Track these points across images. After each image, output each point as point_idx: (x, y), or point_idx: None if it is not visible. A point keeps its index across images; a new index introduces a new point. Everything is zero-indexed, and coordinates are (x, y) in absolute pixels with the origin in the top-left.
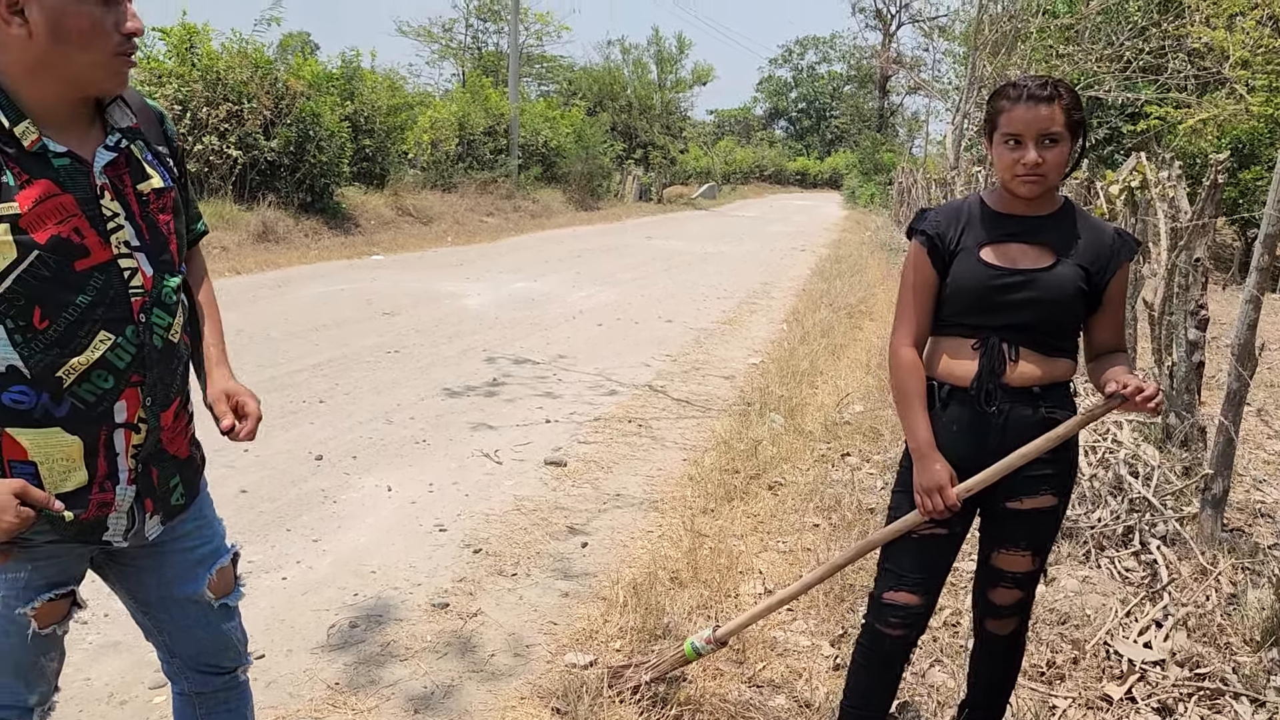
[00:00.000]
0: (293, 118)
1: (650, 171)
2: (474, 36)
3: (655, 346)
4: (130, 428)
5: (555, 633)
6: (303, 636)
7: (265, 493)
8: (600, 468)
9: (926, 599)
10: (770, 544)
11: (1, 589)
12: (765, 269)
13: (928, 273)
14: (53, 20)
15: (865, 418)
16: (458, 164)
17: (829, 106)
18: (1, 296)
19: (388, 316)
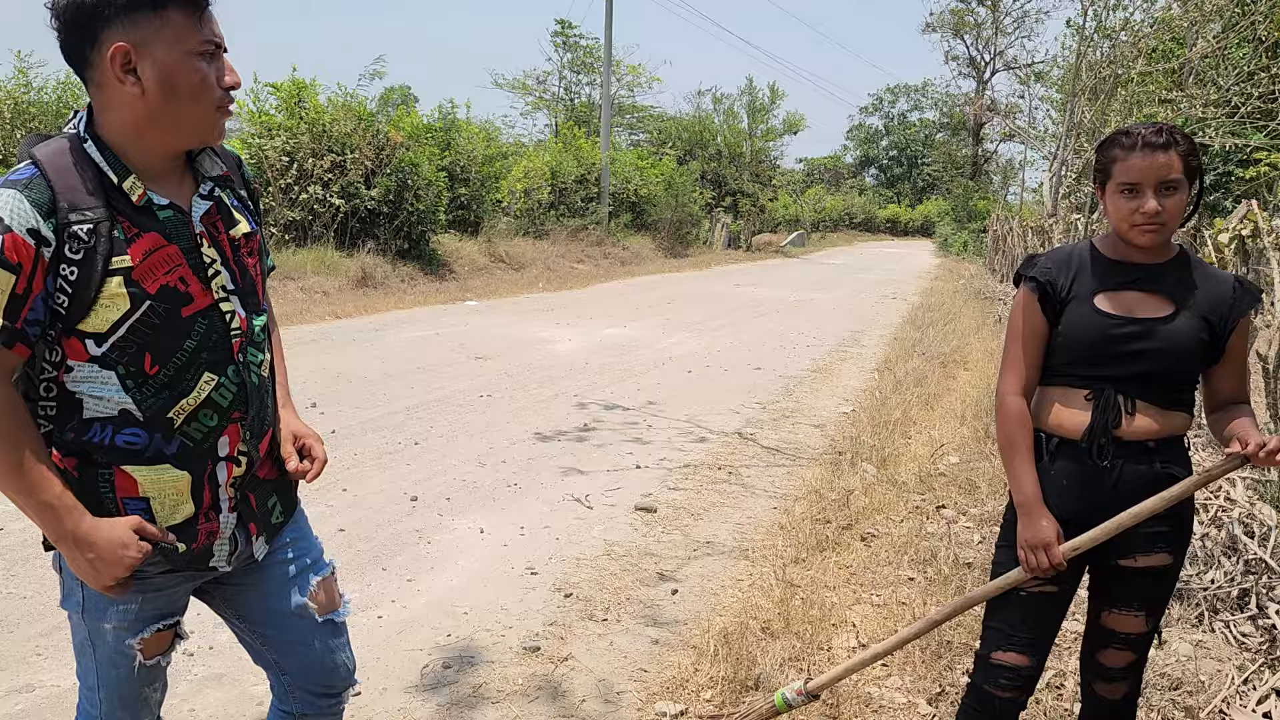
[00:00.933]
0: (392, 168)
1: (739, 219)
2: (566, 88)
3: (745, 394)
4: (232, 460)
5: (645, 680)
6: (397, 676)
7: (362, 532)
8: (690, 514)
9: (1036, 659)
10: (864, 596)
11: (113, 620)
12: (855, 317)
13: (1038, 320)
14: (164, 77)
15: (961, 470)
16: (550, 212)
17: (920, 154)
18: (115, 345)
19: (480, 361)
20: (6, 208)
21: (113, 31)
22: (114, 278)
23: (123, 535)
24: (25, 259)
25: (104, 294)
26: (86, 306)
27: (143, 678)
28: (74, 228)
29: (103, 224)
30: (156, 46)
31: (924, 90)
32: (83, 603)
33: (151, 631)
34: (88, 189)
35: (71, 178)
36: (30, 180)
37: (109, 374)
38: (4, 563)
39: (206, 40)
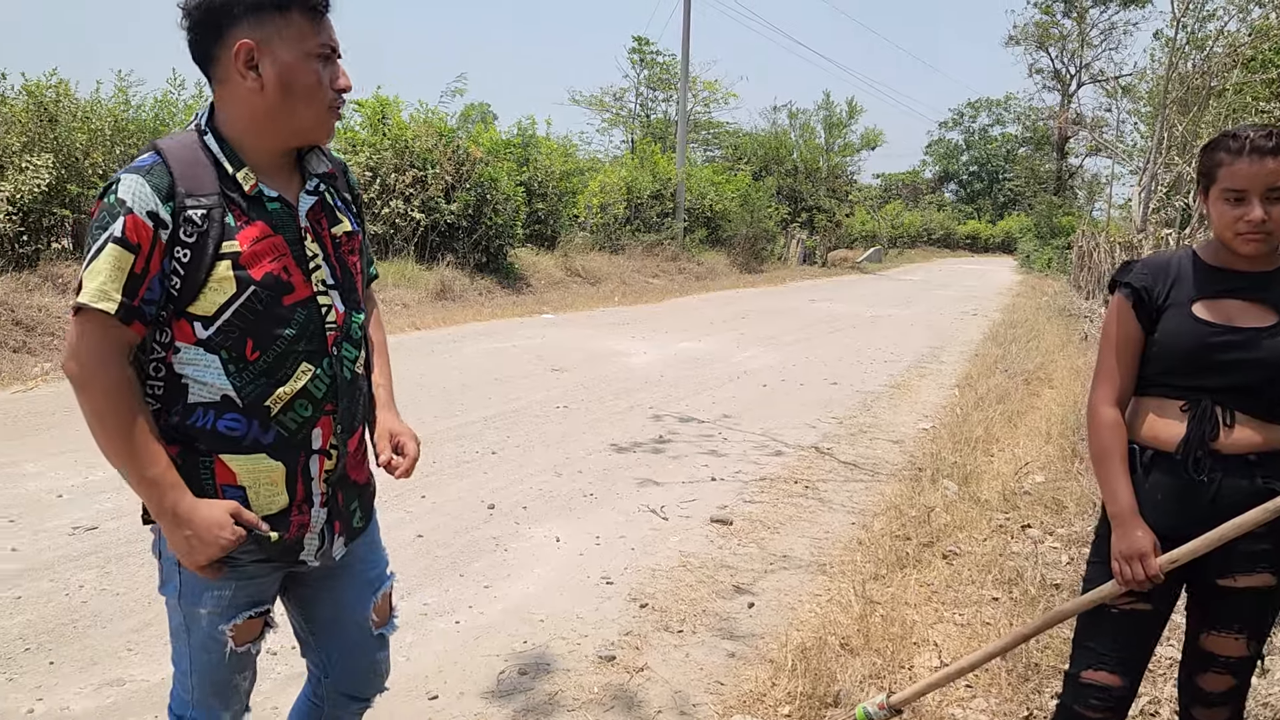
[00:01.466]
0: (471, 183)
1: (815, 235)
2: (643, 104)
3: (821, 409)
4: (324, 454)
5: (721, 693)
6: (474, 680)
7: (440, 538)
8: (766, 528)
9: (1128, 680)
10: (946, 615)
11: (208, 605)
12: (934, 333)
13: (1132, 328)
14: (283, 75)
15: (1047, 488)
16: (625, 227)
17: (1002, 169)
18: (220, 328)
19: (557, 373)
20: (129, 191)
21: (239, 30)
22: (223, 262)
23: (220, 517)
24: (144, 240)
25: (213, 277)
26: (196, 289)
27: (233, 664)
28: (189, 212)
29: (215, 210)
30: (278, 46)
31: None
32: (179, 588)
33: (243, 618)
34: (204, 177)
35: (189, 166)
36: (151, 167)
37: (213, 358)
38: (99, 560)
39: (324, 44)
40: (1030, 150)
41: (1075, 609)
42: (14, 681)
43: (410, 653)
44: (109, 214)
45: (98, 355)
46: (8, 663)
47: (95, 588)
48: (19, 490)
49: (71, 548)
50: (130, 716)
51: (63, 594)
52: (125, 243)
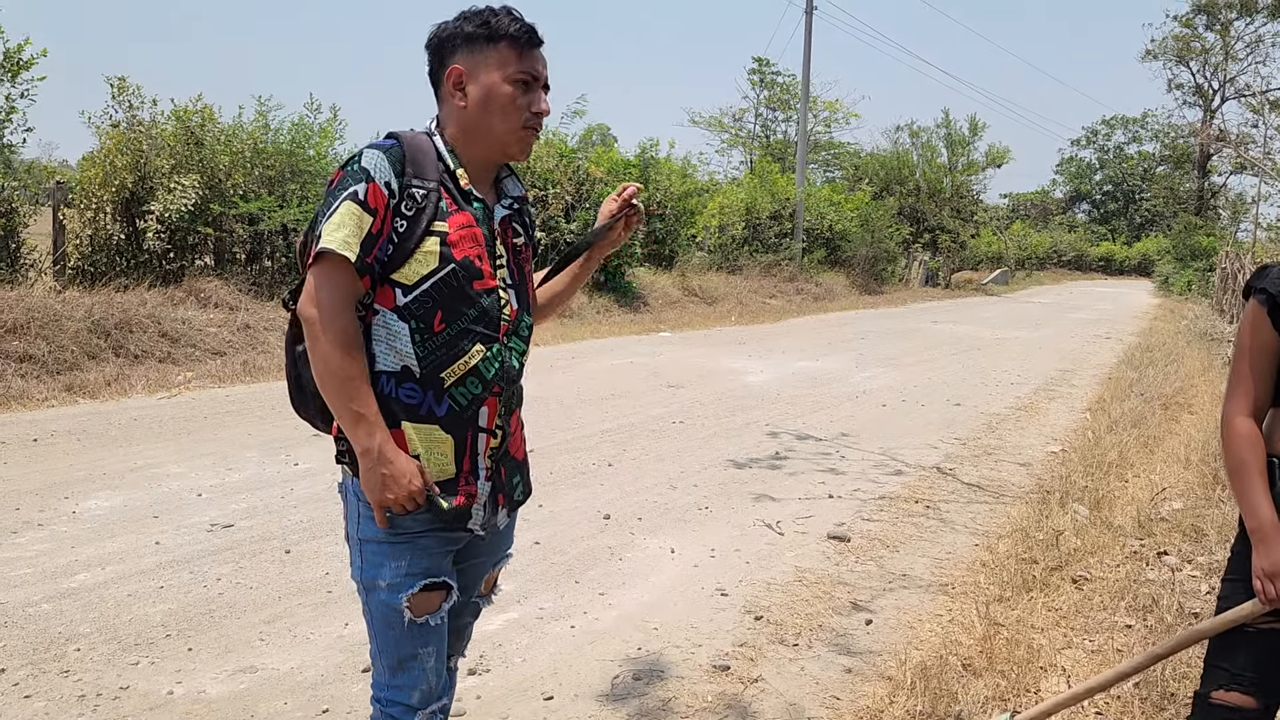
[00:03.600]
0: (591, 202)
1: (938, 256)
2: (763, 125)
3: (943, 429)
4: (489, 433)
5: (838, 708)
6: (588, 684)
7: (557, 545)
8: (885, 546)
9: (1264, 703)
10: (1075, 641)
11: (385, 578)
12: (1064, 356)
13: (1269, 336)
14: (483, 93)
15: (1186, 515)
16: (743, 247)
17: (1138, 188)
18: (416, 298)
19: (673, 389)
20: (372, 163)
21: (456, 58)
22: (432, 237)
23: (412, 467)
24: (381, 205)
25: (421, 249)
26: (405, 257)
27: (415, 636)
28: (413, 189)
29: (433, 193)
30: (482, 70)
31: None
32: (361, 564)
33: (419, 587)
34: (428, 165)
35: (420, 153)
36: (390, 147)
37: (403, 326)
38: (234, 556)
39: (524, 70)
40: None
41: (1213, 629)
42: (155, 665)
43: (526, 654)
44: (352, 179)
45: (335, 301)
46: (150, 647)
47: (230, 581)
48: (163, 489)
49: (209, 543)
50: (261, 702)
51: (201, 586)
52: (365, 205)
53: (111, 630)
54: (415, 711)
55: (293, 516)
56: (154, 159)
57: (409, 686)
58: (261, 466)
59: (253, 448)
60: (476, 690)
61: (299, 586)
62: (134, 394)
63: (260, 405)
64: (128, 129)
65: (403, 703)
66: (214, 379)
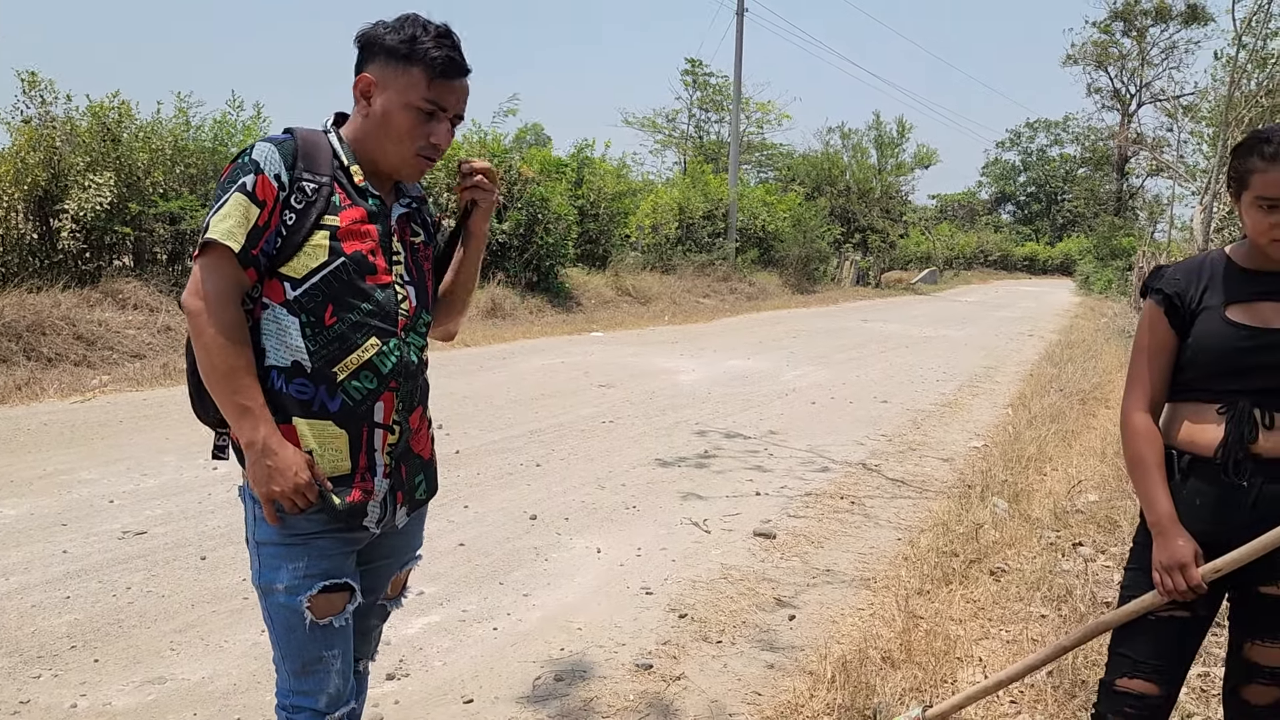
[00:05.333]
0: (523, 202)
1: (868, 255)
2: (696, 126)
3: (870, 426)
4: (386, 428)
5: (759, 704)
6: (509, 686)
7: (481, 547)
8: (810, 542)
9: (1165, 689)
10: (992, 631)
11: (284, 580)
12: (988, 353)
13: (1165, 334)
14: (384, 111)
15: (1101, 507)
16: (677, 247)
17: (1060, 190)
18: (306, 291)
19: (604, 389)
20: (262, 155)
21: (371, 66)
22: (322, 231)
23: (298, 460)
24: (269, 197)
25: (310, 242)
26: (293, 250)
27: (318, 639)
28: (303, 183)
29: (325, 187)
30: (390, 88)
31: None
32: (259, 568)
33: (318, 589)
34: (322, 160)
35: (313, 148)
36: (283, 141)
37: (293, 320)
38: (146, 564)
39: (430, 100)
40: (1090, 171)
41: (1116, 620)
42: (59, 678)
43: (447, 657)
44: (242, 171)
45: (220, 292)
46: (54, 660)
47: (141, 589)
48: (73, 496)
49: (120, 551)
50: (169, 713)
51: (110, 595)
52: (253, 197)
53: (13, 643)
54: (323, 716)
55: (210, 522)
56: (68, 156)
57: (315, 691)
58: (179, 471)
59: (170, 452)
60: (395, 695)
61: (214, 593)
62: (46, 398)
63: (180, 409)
64: (40, 125)
65: (309, 708)
66: (132, 382)
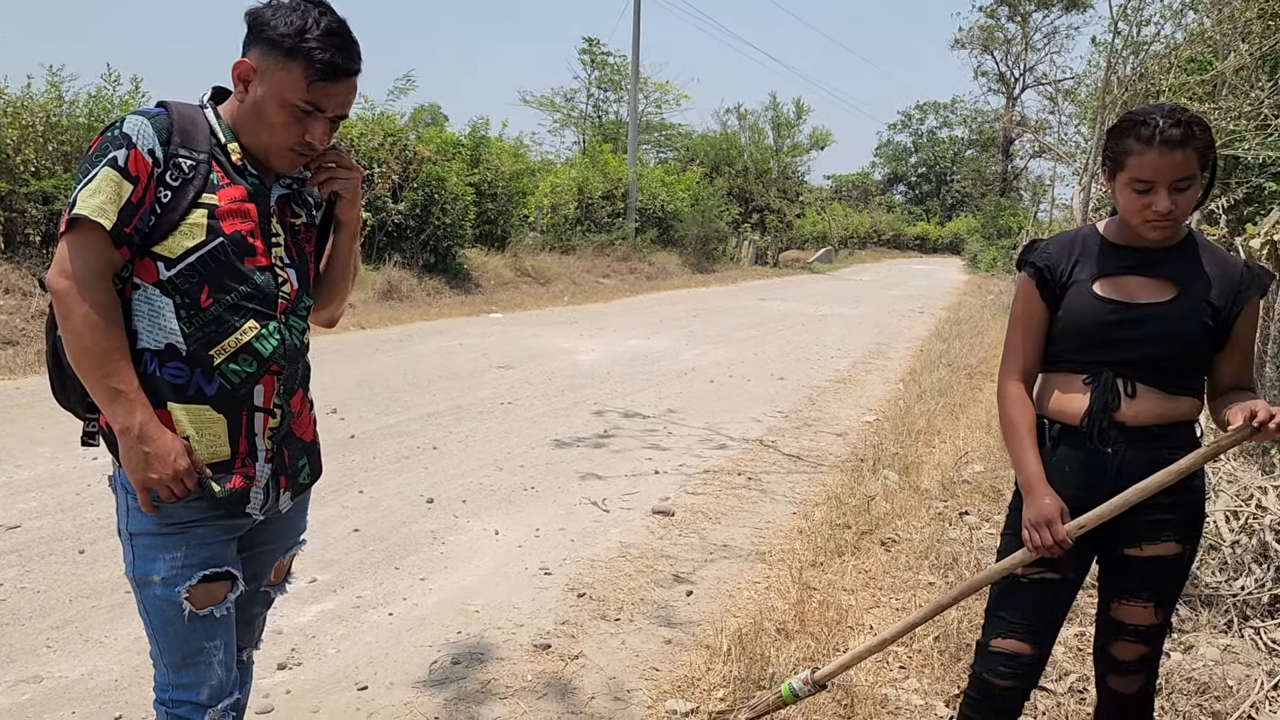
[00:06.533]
0: (419, 182)
1: (766, 235)
2: (595, 105)
3: (767, 403)
4: (268, 412)
5: (657, 679)
6: (405, 671)
7: (376, 532)
8: (708, 518)
9: (1037, 648)
10: (882, 600)
11: (160, 571)
12: (882, 330)
13: (1037, 306)
14: (259, 103)
15: (985, 477)
16: (576, 227)
17: (950, 171)
18: (181, 271)
19: (502, 370)
20: (134, 129)
21: (253, 50)
22: (199, 209)
23: (176, 446)
24: (143, 173)
25: (187, 221)
26: (168, 230)
27: (198, 630)
28: (179, 159)
29: (203, 164)
30: (268, 79)
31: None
32: (133, 560)
33: (198, 578)
34: (199, 136)
35: (189, 123)
36: (157, 115)
37: (167, 301)
38: (20, 559)
39: (309, 101)
40: (977, 152)
41: (989, 577)
42: None
43: (341, 645)
44: (112, 144)
45: (89, 270)
46: None
47: (15, 585)
48: None
49: None
50: (46, 713)
51: None
52: (125, 173)
53: None
54: (204, 709)
55: (89, 514)
56: None
57: (196, 684)
58: (54, 463)
59: (45, 443)
60: (286, 685)
61: (93, 588)
62: None
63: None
64: None
65: (190, 701)
66: (4, 371)
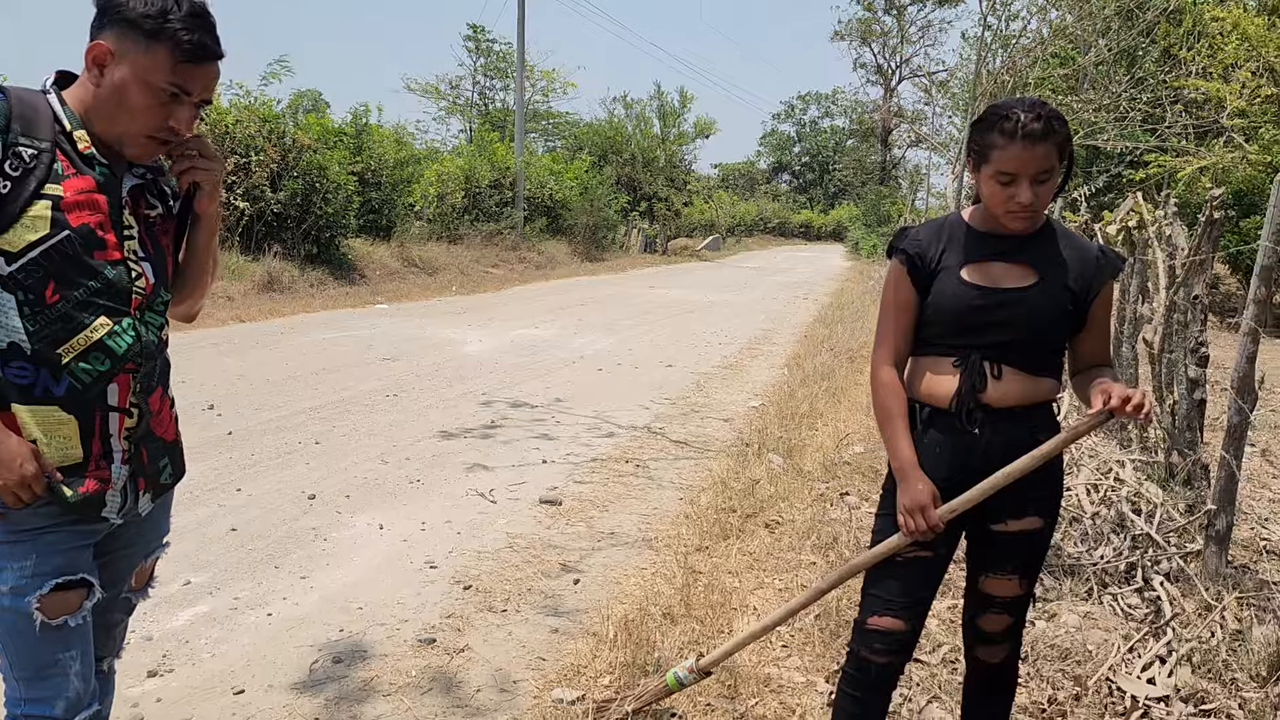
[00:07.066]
0: (299, 171)
1: (655, 224)
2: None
3: (655, 390)
4: (123, 412)
5: (543, 669)
6: (284, 673)
7: (255, 530)
8: (596, 507)
9: (912, 624)
10: (766, 581)
11: (8, 582)
12: (768, 317)
13: (908, 292)
14: (119, 86)
15: (865, 458)
16: (464, 216)
17: (832, 160)
18: (24, 266)
19: (388, 362)
20: None
21: (107, 32)
22: (43, 200)
23: (23, 450)
24: None
25: (29, 212)
26: (9, 222)
27: (52, 641)
28: (20, 148)
29: (45, 154)
30: (129, 62)
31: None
32: None
33: (50, 587)
34: (41, 124)
35: (30, 109)
36: None
37: (8, 298)
38: None
39: (174, 84)
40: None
41: (866, 562)
42: None
43: (217, 648)
44: None
45: None
46: None
47: None
48: None
49: None
50: None
51: None
52: None
53: None
54: None
55: None
56: None
57: (51, 697)
58: None
59: None
60: (157, 693)
61: None
62: None
63: None
64: None
65: (45, 715)
66: None
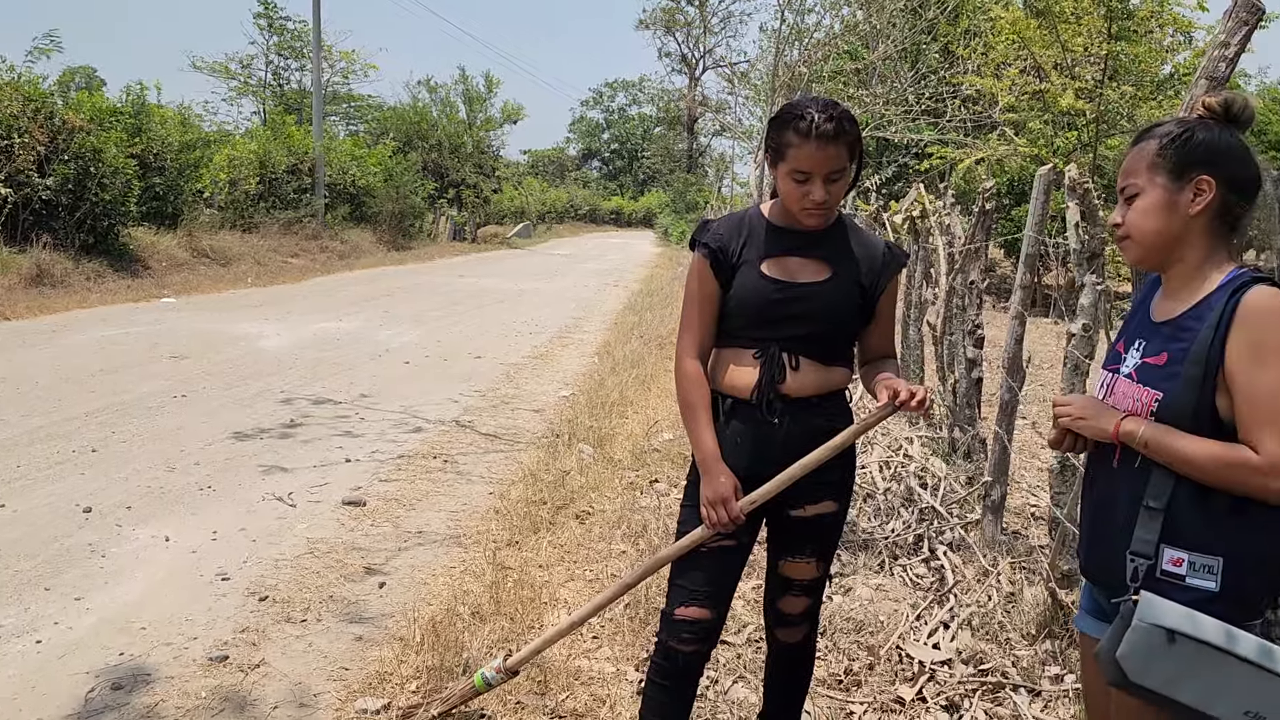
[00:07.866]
0: (71, 154)
1: (463, 211)
2: (275, 74)
3: (464, 382)
4: None
5: (346, 679)
6: (56, 704)
7: (22, 550)
8: (402, 505)
9: (717, 612)
10: (577, 573)
11: None
12: (578, 304)
13: (711, 285)
14: None
15: (674, 445)
16: (259, 203)
17: (640, 147)
18: None
19: (175, 360)
20: None
21: None
22: None
23: None
24: None
25: None
26: None
27: None
28: None
29: None
30: None
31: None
32: None
33: None
34: None
35: None
36: None
37: None
38: None
39: None
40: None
41: (672, 554)
42: None
43: None
44: None
45: None
46: None
47: None
48: None
49: None
50: None
51: None
52: None
53: None
54: None
55: None
56: None
57: None
58: None
59: None
60: None
61: None
62: None
63: None
64: None
65: None
66: None
